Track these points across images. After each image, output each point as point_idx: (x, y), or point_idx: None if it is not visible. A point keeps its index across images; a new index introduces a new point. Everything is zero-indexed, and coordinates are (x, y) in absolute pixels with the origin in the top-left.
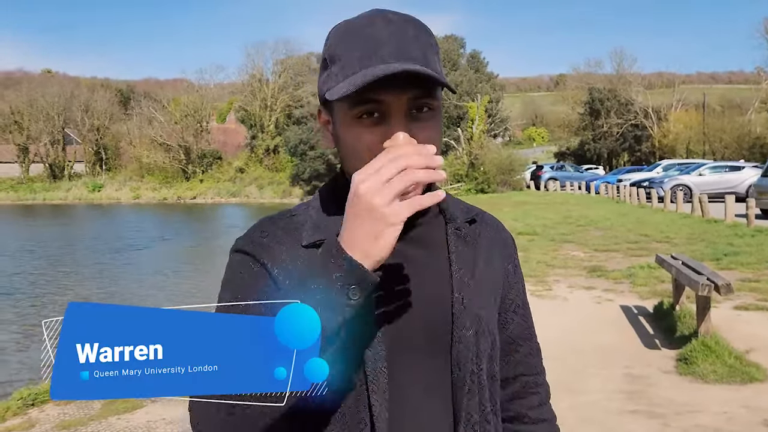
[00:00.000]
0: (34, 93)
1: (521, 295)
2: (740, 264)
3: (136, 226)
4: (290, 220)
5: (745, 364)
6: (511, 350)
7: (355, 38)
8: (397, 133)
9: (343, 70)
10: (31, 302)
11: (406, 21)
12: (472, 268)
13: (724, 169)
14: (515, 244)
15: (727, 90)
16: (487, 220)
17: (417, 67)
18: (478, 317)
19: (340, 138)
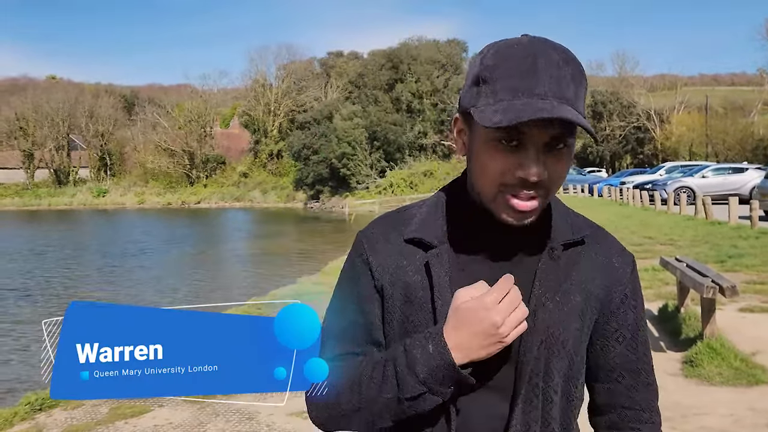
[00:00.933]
0: (39, 99)
1: (630, 326)
2: (745, 266)
3: (144, 230)
4: (401, 215)
5: (750, 366)
6: (611, 378)
7: (514, 66)
8: (530, 162)
9: (495, 94)
10: (43, 305)
11: (566, 61)
12: (557, 289)
13: (727, 171)
14: (634, 272)
15: (729, 92)
16: (602, 243)
17: (569, 116)
18: (553, 336)
19: (474, 152)
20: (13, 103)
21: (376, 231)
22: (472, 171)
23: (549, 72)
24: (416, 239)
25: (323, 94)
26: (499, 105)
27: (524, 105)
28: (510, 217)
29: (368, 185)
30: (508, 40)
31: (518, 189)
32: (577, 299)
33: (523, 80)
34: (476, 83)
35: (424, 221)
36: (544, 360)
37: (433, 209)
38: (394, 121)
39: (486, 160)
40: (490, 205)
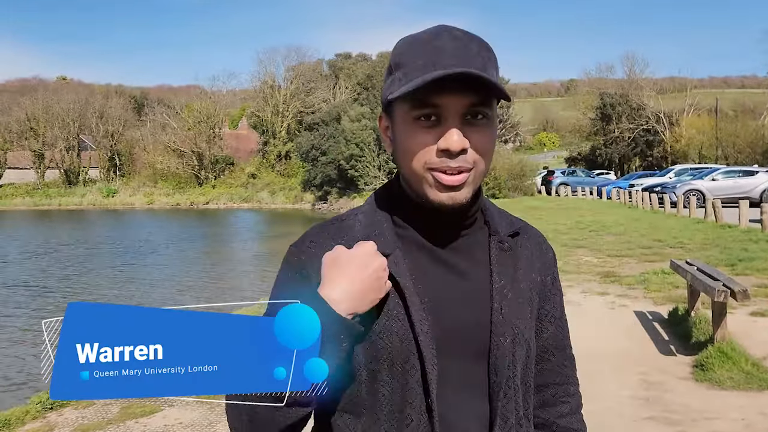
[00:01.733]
0: (50, 100)
1: (558, 306)
2: (755, 270)
3: (152, 230)
4: (339, 225)
5: (762, 370)
6: (544, 359)
7: (420, 48)
8: (451, 130)
9: (406, 75)
10: (55, 304)
11: (470, 38)
12: (512, 279)
13: (737, 174)
14: (555, 257)
15: (739, 94)
16: (530, 233)
17: (473, 70)
18: (515, 326)
19: (397, 139)
20: (24, 104)
21: (314, 244)
22: (399, 158)
23: (452, 45)
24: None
25: (331, 96)
26: (409, 81)
27: (430, 74)
28: (441, 196)
29: (376, 186)
30: (417, 32)
31: (444, 165)
32: (525, 287)
33: (430, 56)
34: (389, 72)
35: (369, 229)
36: (510, 351)
37: (372, 215)
38: None
39: (408, 141)
40: (421, 188)
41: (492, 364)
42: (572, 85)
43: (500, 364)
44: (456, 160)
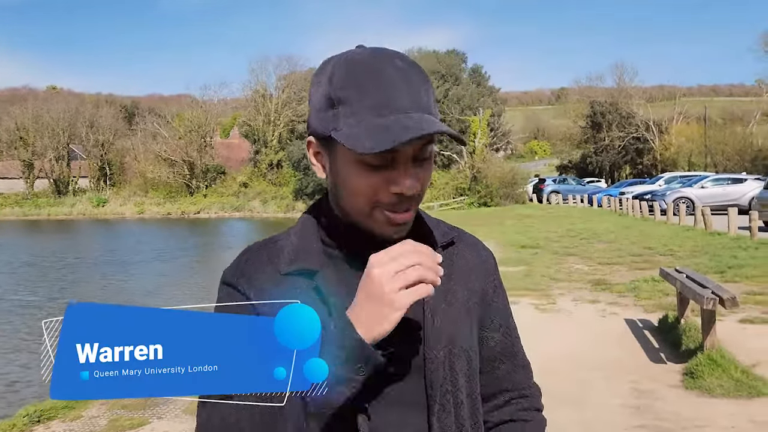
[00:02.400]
0: (40, 109)
1: (502, 313)
2: (745, 277)
3: (144, 239)
4: (273, 247)
5: (751, 378)
6: (494, 367)
7: (365, 83)
8: (405, 175)
9: (356, 114)
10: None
11: (410, 65)
12: (446, 291)
13: (726, 181)
14: (496, 263)
15: (728, 102)
16: (467, 241)
17: (443, 129)
18: (451, 337)
19: (340, 175)
20: (14, 114)
21: (249, 267)
22: (339, 193)
23: (401, 81)
24: (297, 270)
25: None
26: (364, 126)
27: (393, 123)
28: (389, 231)
29: None
30: (348, 55)
31: (393, 205)
32: (463, 297)
33: (381, 94)
34: (330, 105)
35: (299, 249)
36: (448, 364)
37: (304, 235)
38: None
39: (356, 181)
40: (365, 222)
41: (427, 378)
42: (563, 94)
43: (435, 377)
44: (407, 200)
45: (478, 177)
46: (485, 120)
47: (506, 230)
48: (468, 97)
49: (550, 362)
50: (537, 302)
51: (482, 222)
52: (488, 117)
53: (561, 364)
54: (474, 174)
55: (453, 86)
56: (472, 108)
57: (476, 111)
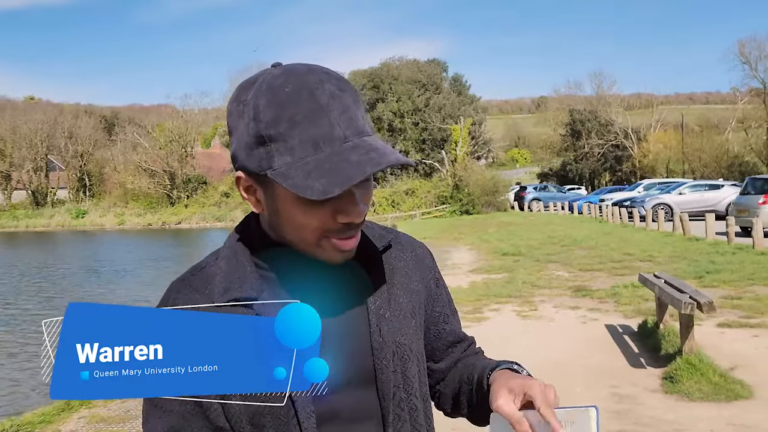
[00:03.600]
0: (17, 120)
1: (447, 304)
2: (722, 281)
3: (123, 251)
4: (201, 274)
5: (729, 381)
6: (448, 352)
7: (299, 115)
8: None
9: (292, 151)
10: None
11: (342, 89)
12: (388, 297)
13: (703, 187)
14: (433, 257)
15: (704, 110)
16: (403, 242)
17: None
18: (400, 344)
19: (279, 210)
20: None
21: (179, 299)
22: (281, 226)
23: (335, 107)
24: (231, 301)
25: None
26: (305, 164)
27: (336, 160)
28: (337, 258)
29: None
30: (270, 81)
31: (341, 233)
32: (405, 300)
33: (317, 127)
34: (261, 143)
35: (230, 277)
36: (400, 371)
37: (233, 260)
38: None
39: (301, 216)
40: (312, 251)
41: (379, 389)
42: (542, 102)
43: (386, 387)
44: (355, 226)
45: (459, 185)
46: (466, 128)
47: (488, 238)
48: (449, 106)
49: (532, 368)
50: (519, 309)
51: (464, 230)
52: (469, 125)
53: (542, 370)
54: (456, 182)
55: (434, 95)
56: (453, 117)
57: (457, 119)
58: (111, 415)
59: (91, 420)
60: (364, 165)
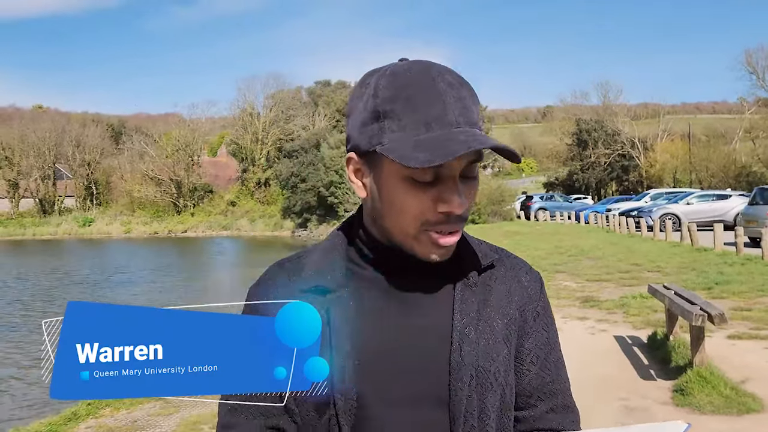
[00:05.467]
0: (26, 129)
1: (543, 345)
2: (732, 293)
3: (130, 259)
4: (297, 261)
5: (741, 394)
6: (529, 404)
7: (416, 95)
8: (453, 193)
9: (404, 129)
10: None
11: (461, 83)
12: (477, 317)
13: (711, 197)
14: (542, 288)
15: (711, 120)
16: (509, 264)
17: (502, 144)
18: (482, 369)
19: (383, 193)
20: None
21: (271, 283)
22: (382, 212)
23: (452, 95)
24: (314, 287)
25: (311, 123)
26: (414, 140)
27: (444, 137)
28: (434, 254)
29: None
30: (393, 68)
31: (441, 225)
32: (500, 324)
33: (431, 108)
34: (376, 118)
35: (320, 267)
36: (477, 397)
37: (328, 253)
38: None
39: (402, 199)
40: (410, 244)
41: (452, 413)
42: (549, 112)
43: (457, 410)
44: (454, 220)
45: None
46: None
47: None
48: None
49: None
50: None
51: None
52: None
53: None
54: None
55: None
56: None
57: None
58: (118, 426)
59: (98, 430)
60: (470, 143)
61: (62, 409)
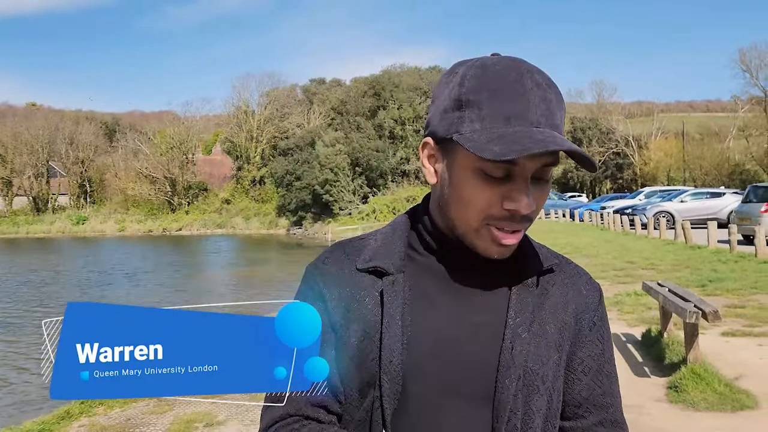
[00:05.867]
0: (19, 126)
1: (597, 356)
2: (725, 290)
3: (124, 257)
4: (356, 243)
5: (734, 391)
6: (578, 415)
7: (501, 88)
8: (522, 193)
9: (483, 120)
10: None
11: (549, 85)
12: (532, 319)
13: (705, 195)
14: (602, 300)
15: (705, 118)
16: (567, 270)
17: (574, 148)
18: (531, 371)
19: (453, 181)
20: None
21: (329, 261)
22: (449, 201)
23: (537, 95)
24: (371, 268)
25: (306, 121)
26: (491, 133)
27: (521, 134)
28: (493, 251)
29: (351, 211)
30: (484, 60)
31: (504, 222)
32: (553, 329)
33: (514, 104)
34: (458, 107)
35: (379, 249)
36: (522, 398)
37: (390, 237)
38: (377, 148)
39: (471, 191)
40: (471, 237)
41: (495, 410)
42: None
43: (501, 409)
44: (519, 219)
45: None
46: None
47: None
48: None
49: None
50: None
51: None
52: None
53: None
54: None
55: None
56: None
57: None
58: (112, 424)
59: (91, 428)
60: (547, 143)
61: (54, 409)
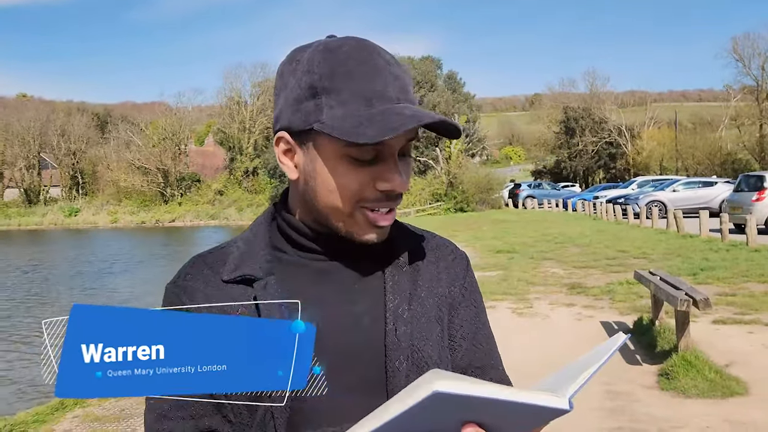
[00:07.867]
0: (9, 118)
1: (472, 319)
2: (716, 278)
3: (117, 249)
4: (220, 253)
5: (725, 378)
6: None
7: (356, 72)
8: (393, 172)
9: (344, 104)
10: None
11: (396, 61)
12: (409, 298)
13: (697, 184)
14: (468, 265)
15: (697, 107)
16: (433, 244)
17: (446, 118)
18: (417, 349)
19: (318, 172)
20: None
21: (191, 278)
22: (317, 192)
23: (389, 72)
24: (239, 277)
25: None
26: (357, 116)
27: (389, 112)
28: (371, 235)
29: None
30: (326, 43)
31: (378, 203)
32: (431, 304)
33: (372, 84)
34: (312, 95)
35: (244, 256)
36: (414, 377)
37: (251, 241)
38: None
39: (340, 178)
40: (346, 224)
41: (390, 393)
42: (536, 100)
43: (397, 392)
44: (392, 199)
45: (454, 183)
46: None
47: (483, 235)
48: (443, 104)
49: (527, 366)
50: (514, 306)
51: (459, 227)
52: (464, 123)
53: (537, 367)
54: (450, 180)
55: (428, 92)
56: (448, 114)
57: (452, 117)
58: (105, 414)
59: (85, 419)
60: (419, 117)
61: (47, 400)
